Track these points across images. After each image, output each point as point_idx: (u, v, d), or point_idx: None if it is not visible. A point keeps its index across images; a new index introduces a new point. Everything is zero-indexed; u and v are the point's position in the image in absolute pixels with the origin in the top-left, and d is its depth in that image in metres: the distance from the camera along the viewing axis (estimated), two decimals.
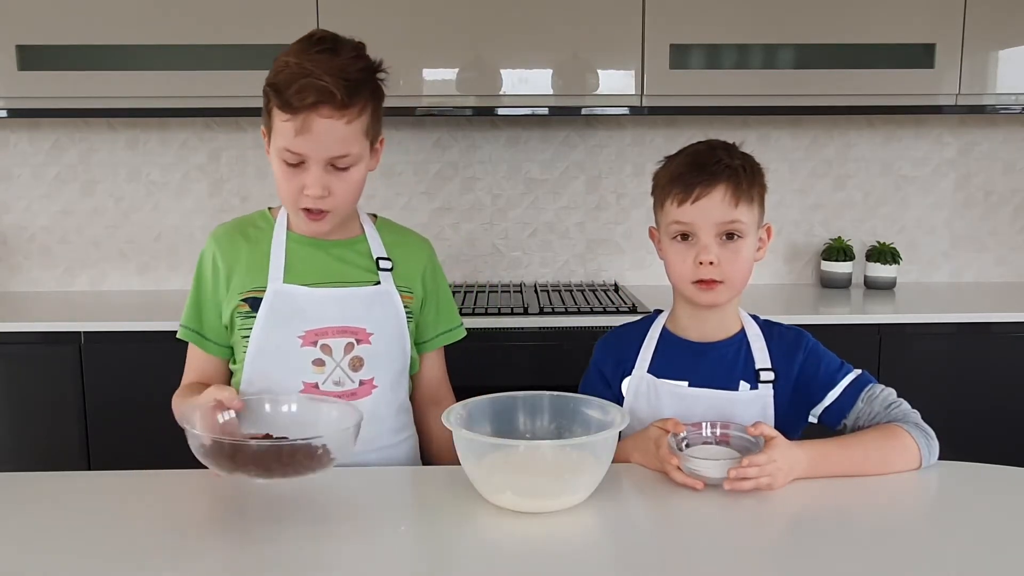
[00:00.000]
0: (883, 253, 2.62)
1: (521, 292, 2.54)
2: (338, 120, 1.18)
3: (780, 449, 1.09)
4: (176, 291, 2.71)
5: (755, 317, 1.33)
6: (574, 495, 1.06)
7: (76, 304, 2.51)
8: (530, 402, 1.21)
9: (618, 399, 1.29)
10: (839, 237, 2.69)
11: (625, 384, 1.31)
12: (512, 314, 2.20)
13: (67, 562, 0.94)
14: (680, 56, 2.32)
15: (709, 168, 1.21)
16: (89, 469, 2.21)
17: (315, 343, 1.26)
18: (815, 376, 1.26)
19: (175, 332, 2.22)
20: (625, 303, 2.32)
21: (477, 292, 2.51)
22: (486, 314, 2.19)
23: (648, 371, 1.29)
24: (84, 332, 2.20)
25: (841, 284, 2.65)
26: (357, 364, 1.28)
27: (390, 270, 1.33)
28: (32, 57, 2.27)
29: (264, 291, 1.26)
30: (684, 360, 1.29)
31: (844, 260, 2.63)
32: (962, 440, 2.33)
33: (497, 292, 2.53)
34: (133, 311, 2.41)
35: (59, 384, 2.21)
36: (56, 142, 2.65)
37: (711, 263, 1.21)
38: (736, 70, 2.33)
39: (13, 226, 2.69)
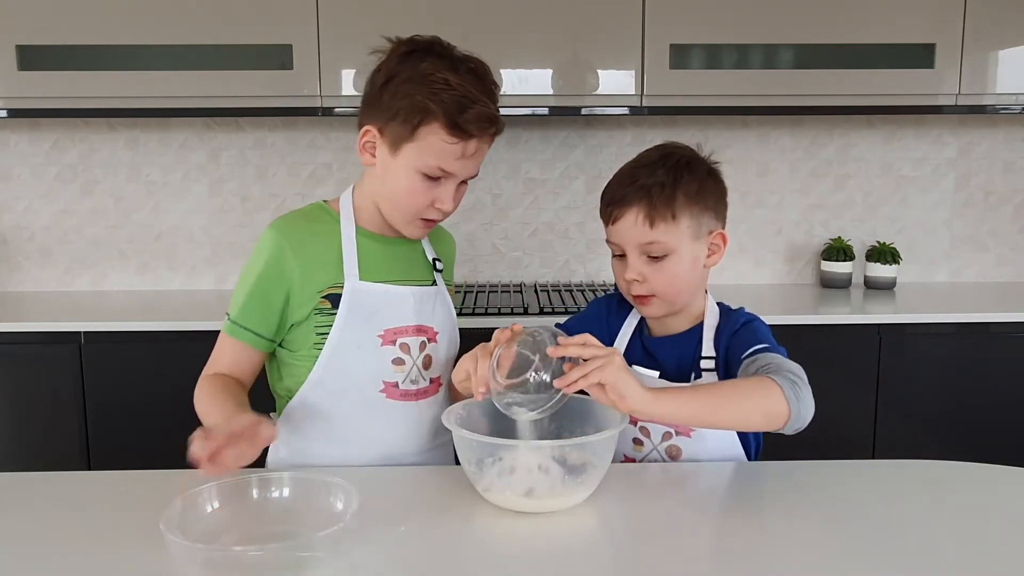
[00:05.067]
0: (883, 253, 2.62)
1: (521, 292, 2.53)
2: (489, 144, 1.23)
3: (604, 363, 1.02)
4: (176, 291, 2.71)
5: (722, 305, 1.31)
6: (574, 495, 1.06)
7: (76, 304, 2.51)
8: None
9: None
10: (839, 237, 2.69)
11: None
12: (512, 314, 2.20)
13: (67, 562, 0.94)
14: (680, 56, 2.32)
15: (622, 191, 1.23)
16: (89, 469, 2.21)
17: (394, 342, 1.26)
18: (740, 346, 1.23)
19: (175, 332, 2.21)
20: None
21: (477, 292, 2.51)
22: (486, 314, 2.19)
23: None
24: (84, 332, 2.20)
25: (841, 284, 2.65)
26: (428, 363, 1.30)
27: (441, 271, 1.37)
28: (32, 57, 2.27)
29: (343, 287, 1.23)
30: (648, 351, 1.31)
31: (844, 260, 2.63)
32: (962, 440, 2.34)
33: (497, 292, 2.53)
34: (133, 311, 2.41)
35: (59, 384, 2.21)
36: (56, 142, 2.65)
37: (636, 280, 1.23)
38: (736, 70, 2.33)
39: (13, 226, 2.69)
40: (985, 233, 2.78)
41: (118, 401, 2.21)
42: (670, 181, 1.21)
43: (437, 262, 1.36)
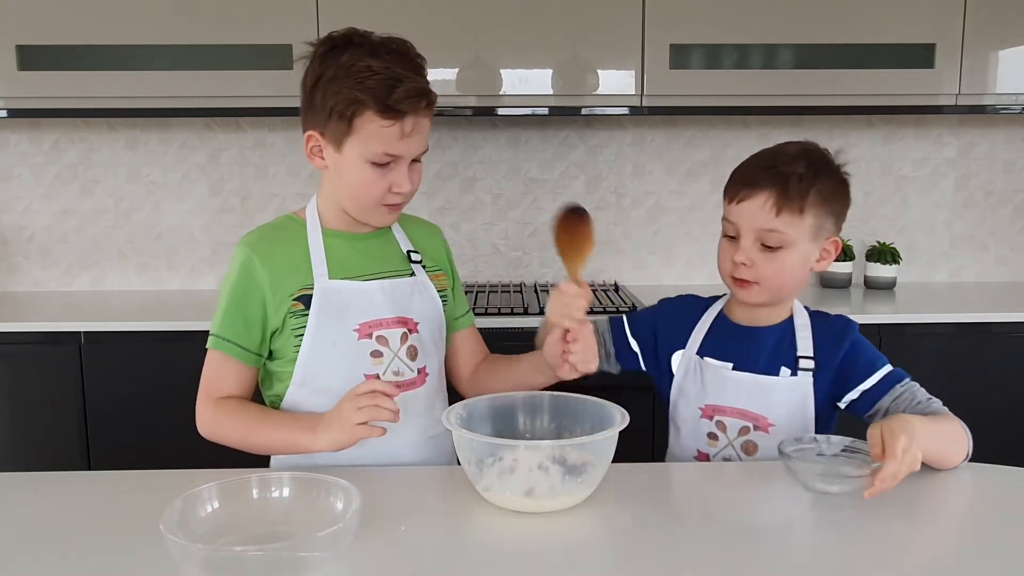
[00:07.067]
0: (883, 253, 2.62)
1: (521, 292, 2.53)
2: (427, 117, 1.24)
3: (898, 457, 1.02)
4: (176, 291, 2.71)
5: (807, 308, 1.34)
6: (574, 495, 1.06)
7: (76, 304, 2.51)
8: (530, 402, 1.22)
9: (665, 370, 1.36)
10: None
11: (676, 358, 1.35)
12: (512, 314, 2.20)
13: (67, 562, 0.94)
14: (680, 56, 2.32)
15: (757, 173, 1.23)
16: (89, 469, 2.21)
17: (370, 335, 1.26)
18: (855, 365, 1.27)
19: (175, 332, 2.21)
20: (625, 303, 2.32)
21: (477, 292, 2.51)
22: (486, 314, 2.19)
23: (698, 351, 1.32)
24: (84, 332, 2.20)
25: (841, 284, 2.65)
26: (413, 353, 1.31)
27: (420, 262, 1.37)
28: (32, 57, 2.27)
29: (313, 288, 1.25)
30: (731, 342, 1.31)
31: (844, 260, 2.63)
32: None
33: (497, 292, 2.53)
34: (133, 311, 2.41)
35: (59, 384, 2.21)
36: (56, 142, 2.65)
37: (744, 264, 1.23)
38: (736, 70, 2.33)
39: (13, 226, 2.69)
40: (985, 233, 2.78)
41: (118, 401, 2.21)
42: (808, 175, 1.22)
43: (412, 253, 1.37)
